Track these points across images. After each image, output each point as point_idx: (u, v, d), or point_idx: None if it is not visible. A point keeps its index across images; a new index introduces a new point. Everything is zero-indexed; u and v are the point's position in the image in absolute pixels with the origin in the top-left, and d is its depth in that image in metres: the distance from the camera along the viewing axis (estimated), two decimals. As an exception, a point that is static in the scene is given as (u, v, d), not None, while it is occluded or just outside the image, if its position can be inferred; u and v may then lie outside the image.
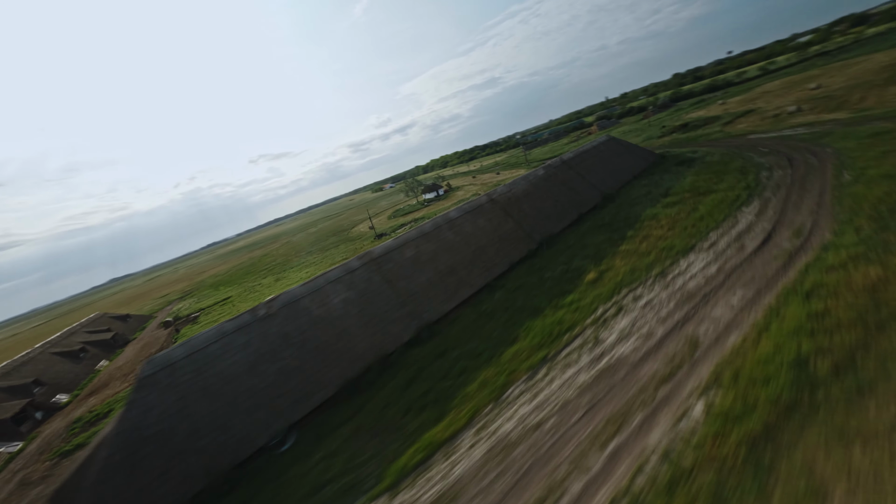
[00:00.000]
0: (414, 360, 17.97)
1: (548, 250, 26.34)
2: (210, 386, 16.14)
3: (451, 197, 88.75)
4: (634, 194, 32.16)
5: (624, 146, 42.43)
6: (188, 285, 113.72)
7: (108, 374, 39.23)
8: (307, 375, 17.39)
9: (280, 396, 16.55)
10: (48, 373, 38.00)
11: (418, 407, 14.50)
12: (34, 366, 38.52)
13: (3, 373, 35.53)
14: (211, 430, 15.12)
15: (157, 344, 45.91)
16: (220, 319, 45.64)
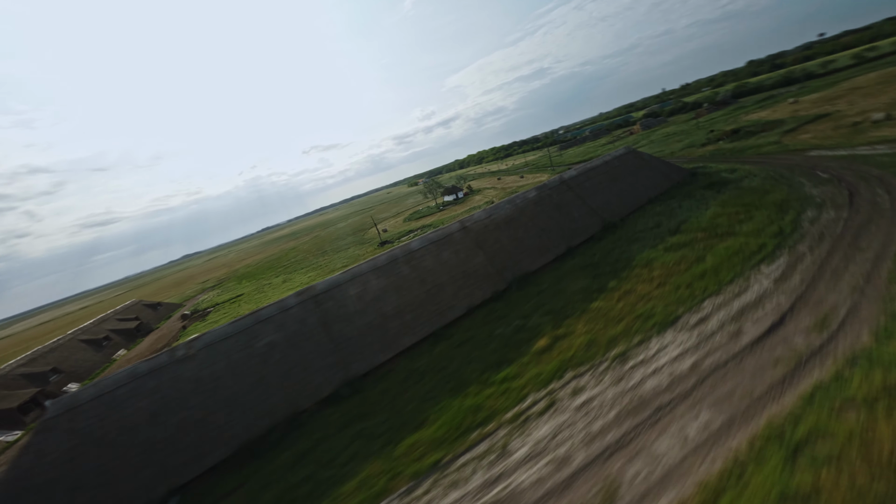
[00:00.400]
0: (319, 427, 16.04)
1: (517, 292, 22.86)
2: (107, 435, 15.56)
3: (468, 201, 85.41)
4: (640, 225, 27.10)
5: (643, 161, 36.48)
6: (225, 273, 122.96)
7: (118, 365, 42.51)
8: (209, 430, 16.23)
9: (175, 453, 15.55)
10: (69, 361, 42.15)
11: (288, 500, 12.56)
12: (59, 353, 42.98)
13: (29, 359, 40.02)
14: (95, 486, 14.49)
15: (169, 337, 49.09)
16: (222, 321, 47.51)
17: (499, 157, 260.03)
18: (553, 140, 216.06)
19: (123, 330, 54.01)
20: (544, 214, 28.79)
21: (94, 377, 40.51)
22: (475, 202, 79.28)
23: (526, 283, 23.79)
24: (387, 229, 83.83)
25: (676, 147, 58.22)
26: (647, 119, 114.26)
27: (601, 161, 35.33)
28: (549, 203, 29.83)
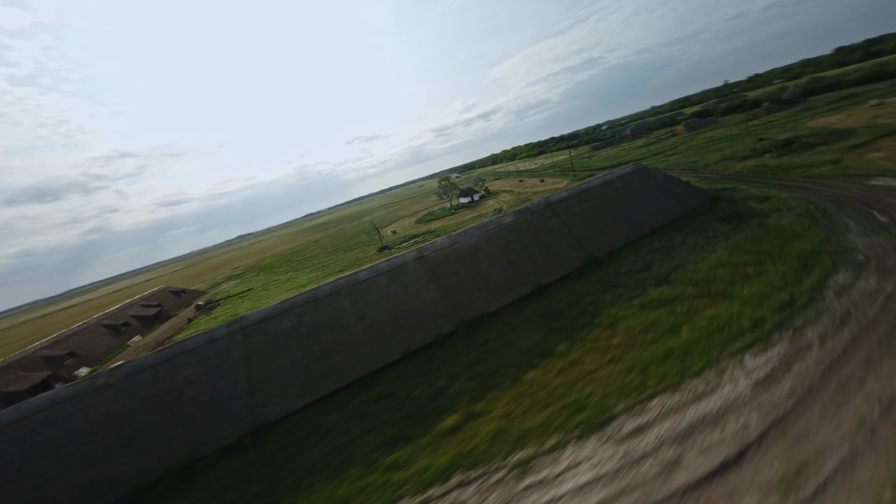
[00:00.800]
0: (203, 483, 15.00)
1: (462, 339, 20.30)
2: (10, 464, 15.75)
3: (481, 205, 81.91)
4: (627, 265, 23.03)
5: (654, 182, 31.34)
6: (255, 260, 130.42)
7: (130, 352, 45.88)
8: (107, 468, 15.90)
9: (69, 490, 15.37)
10: (86, 345, 46.26)
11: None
12: (80, 337, 47.34)
13: (52, 342, 44.45)
14: (-12, 517, 14.67)
15: (176, 329, 52.21)
16: (221, 318, 49.47)
17: (532, 154, 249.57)
18: (591, 138, 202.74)
19: (143, 316, 58.62)
20: (517, 245, 25.55)
21: (105, 363, 44.04)
22: (487, 207, 75.71)
23: (477, 327, 21.09)
24: (396, 231, 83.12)
25: (714, 158, 50.49)
26: (695, 119, 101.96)
27: (601, 181, 30.94)
28: (526, 231, 26.47)
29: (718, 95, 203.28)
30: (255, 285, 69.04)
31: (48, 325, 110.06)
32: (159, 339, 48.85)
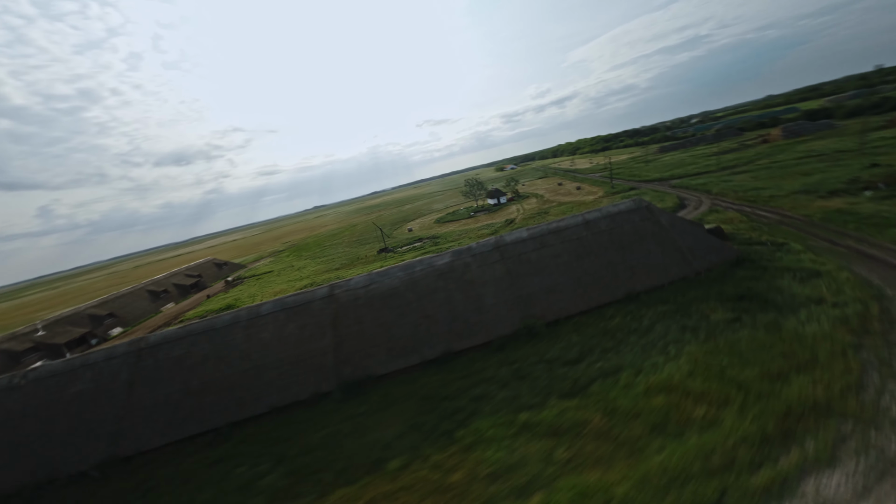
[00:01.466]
0: (35, 513, 15.56)
1: (333, 405, 18.01)
2: (-71, 444, 18.26)
3: (502, 211, 75.89)
4: (558, 348, 18.04)
5: (656, 229, 24.09)
6: (302, 238, 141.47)
7: (162, 317, 52.87)
8: (-11, 468, 17.56)
9: (-41, 480, 17.32)
10: (127, 307, 54.49)
11: None
12: (124, 299, 55.93)
13: (101, 302, 53.19)
14: None
15: (198, 301, 58.62)
16: (224, 302, 53.91)
17: (595, 150, 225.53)
18: (665, 136, 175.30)
19: (183, 285, 67.28)
20: (442, 294, 21.86)
21: (138, 325, 51.39)
22: (505, 214, 69.67)
23: (357, 392, 18.55)
24: (412, 229, 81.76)
25: (789, 186, 38.27)
26: (801, 122, 79.85)
27: (579, 220, 24.97)
28: (459, 277, 22.52)
29: (862, 86, 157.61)
30: (277, 268, 74.31)
31: (153, 272, 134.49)
32: (183, 309, 55.43)
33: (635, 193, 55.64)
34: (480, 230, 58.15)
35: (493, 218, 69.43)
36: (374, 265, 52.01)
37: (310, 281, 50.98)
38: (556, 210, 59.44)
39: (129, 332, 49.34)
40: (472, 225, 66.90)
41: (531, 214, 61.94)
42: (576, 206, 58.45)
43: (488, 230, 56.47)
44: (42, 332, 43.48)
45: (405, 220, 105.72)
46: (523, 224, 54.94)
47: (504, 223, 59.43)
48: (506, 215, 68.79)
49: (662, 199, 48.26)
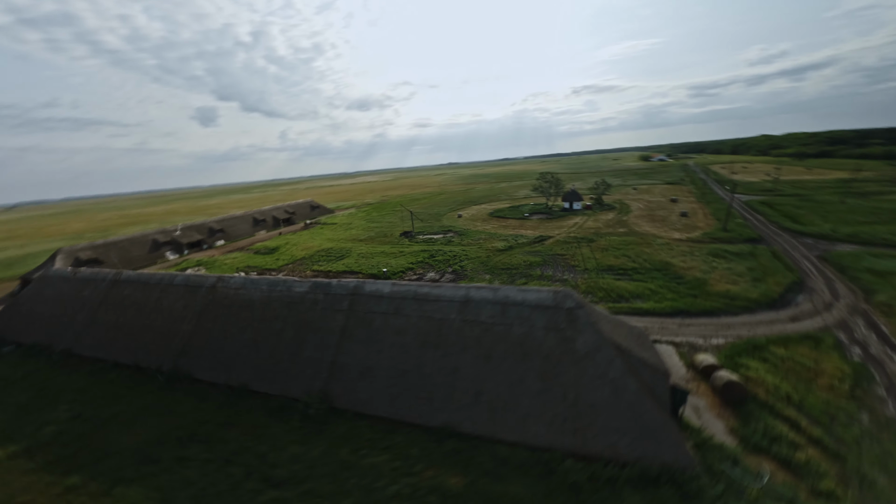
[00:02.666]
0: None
1: (153, 385, 22.47)
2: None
3: (563, 220, 64.59)
4: (288, 445, 16.99)
5: (560, 350, 17.35)
6: (398, 194, 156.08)
7: (254, 239, 71.39)
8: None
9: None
10: (233, 227, 75.03)
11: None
12: (235, 220, 76.91)
13: (220, 220, 74.58)
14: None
15: (270, 236, 75.30)
16: (285, 244, 67.17)
17: (804, 153, 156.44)
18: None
19: (277, 218, 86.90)
20: (278, 325, 22.49)
21: (235, 241, 70.83)
22: (559, 227, 59.13)
23: (175, 381, 22.47)
24: (461, 215, 79.06)
25: None
26: None
27: (494, 296, 20.36)
28: (300, 314, 22.51)
29: None
30: (339, 221, 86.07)
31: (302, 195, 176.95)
32: (263, 238, 72.74)
33: (745, 251, 39.14)
34: (502, 241, 52.30)
35: (538, 228, 60.46)
36: (383, 247, 54.86)
37: (321, 248, 58.22)
38: (610, 241, 47.24)
39: (227, 245, 68.83)
40: (508, 231, 60.32)
41: (575, 238, 51.24)
42: (641, 243, 45.10)
43: (504, 244, 50.28)
44: (178, 232, 65.50)
45: (473, 201, 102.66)
46: (552, 248, 46.57)
47: (533, 240, 51.42)
48: (551, 229, 58.85)
49: (763, 277, 32.54)
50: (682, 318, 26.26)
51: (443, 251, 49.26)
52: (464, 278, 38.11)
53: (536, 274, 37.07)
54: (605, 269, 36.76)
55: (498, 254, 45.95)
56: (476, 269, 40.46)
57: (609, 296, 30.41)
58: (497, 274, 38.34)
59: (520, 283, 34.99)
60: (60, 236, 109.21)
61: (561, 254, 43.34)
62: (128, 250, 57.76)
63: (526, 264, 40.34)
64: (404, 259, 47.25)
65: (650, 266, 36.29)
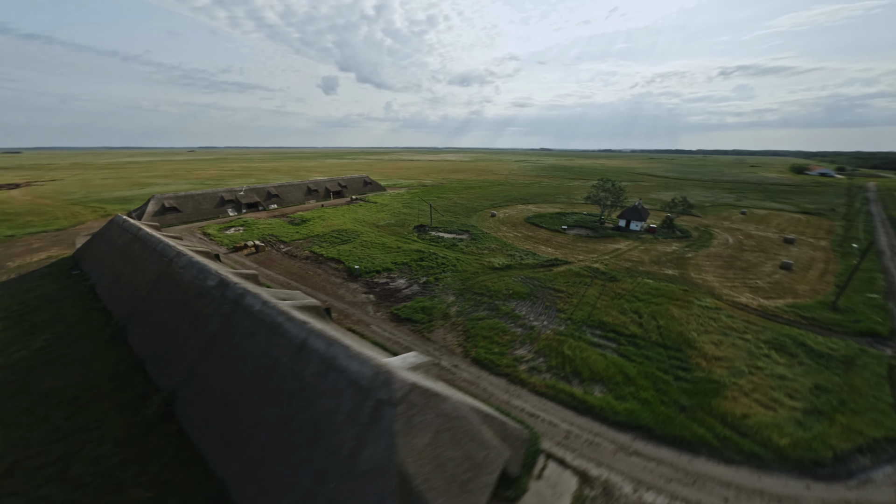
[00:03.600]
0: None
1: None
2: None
3: (608, 242, 53.65)
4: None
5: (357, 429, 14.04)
6: (460, 178, 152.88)
7: (304, 207, 79.12)
8: (90, 260, 37.77)
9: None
10: (287, 194, 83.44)
11: None
12: (291, 188, 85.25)
13: (278, 185, 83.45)
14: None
15: (320, 205, 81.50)
16: (319, 217, 72.14)
17: None
18: None
19: (330, 190, 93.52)
20: (182, 312, 23.63)
21: (287, 206, 79.19)
22: (601, 250, 49.18)
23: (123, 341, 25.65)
24: (495, 214, 72.09)
25: None
26: None
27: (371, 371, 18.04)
28: (193, 305, 23.10)
29: None
30: (379, 201, 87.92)
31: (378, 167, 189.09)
32: (307, 207, 79.49)
33: (841, 353, 26.69)
34: (507, 256, 46.08)
35: (562, 247, 51.47)
36: (390, 238, 53.90)
37: (339, 227, 60.00)
38: (636, 286, 37.17)
39: (277, 209, 77.43)
40: (527, 244, 52.85)
41: (596, 270, 42.04)
42: (675, 299, 34.56)
43: (507, 260, 43.96)
44: (242, 193, 75.80)
45: (524, 199, 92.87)
46: (555, 278, 39.14)
47: (543, 262, 43.80)
48: (579, 251, 49.37)
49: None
50: (633, 436, 18.52)
51: (436, 255, 45.89)
52: (429, 294, 34.74)
53: (505, 310, 31.34)
54: (594, 326, 28.81)
55: (488, 272, 40.55)
56: (448, 287, 36.41)
57: (561, 370, 23.38)
58: (466, 298, 33.78)
59: (476, 316, 30.12)
60: (195, 179, 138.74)
61: (559, 290, 35.72)
62: (200, 203, 69.49)
63: (505, 294, 34.50)
64: (396, 256, 45.59)
65: (658, 338, 26.87)
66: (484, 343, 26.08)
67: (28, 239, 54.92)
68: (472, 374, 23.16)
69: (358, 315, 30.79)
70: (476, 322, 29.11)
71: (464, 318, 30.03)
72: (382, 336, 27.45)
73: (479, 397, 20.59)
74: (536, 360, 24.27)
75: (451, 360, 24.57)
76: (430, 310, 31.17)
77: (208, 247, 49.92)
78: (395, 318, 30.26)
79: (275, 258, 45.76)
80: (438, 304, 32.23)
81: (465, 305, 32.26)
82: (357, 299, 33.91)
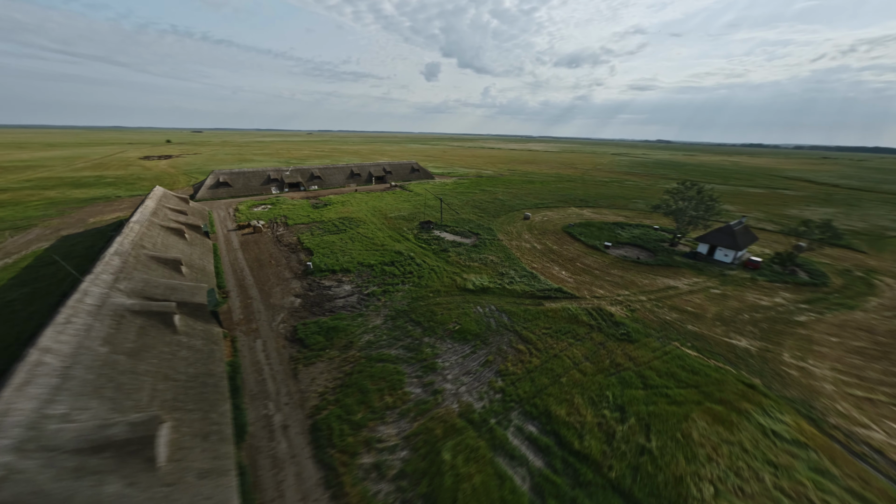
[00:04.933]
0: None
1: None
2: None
3: (659, 275, 38.32)
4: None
5: None
6: (529, 171, 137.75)
7: (342, 191, 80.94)
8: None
9: (112, 223, 44.05)
10: (330, 176, 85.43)
11: None
12: (332, 170, 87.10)
13: (320, 168, 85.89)
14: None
15: (356, 190, 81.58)
16: (342, 203, 71.56)
17: None
18: None
19: (373, 175, 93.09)
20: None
21: (326, 189, 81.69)
22: (656, 291, 35.16)
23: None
24: (529, 216, 59.30)
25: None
26: None
27: None
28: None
29: None
30: (415, 190, 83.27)
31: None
32: (348, 190, 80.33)
33: None
34: (496, 276, 36.08)
35: (581, 275, 38.40)
36: (386, 232, 48.68)
37: (350, 215, 57.15)
38: (658, 363, 24.43)
39: (317, 190, 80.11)
40: (536, 261, 41.21)
41: (608, 321, 29.35)
42: (698, 405, 21.31)
43: (489, 282, 34.09)
44: (288, 173, 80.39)
45: (585, 201, 75.89)
46: (534, 320, 28.66)
47: (535, 292, 32.60)
48: (602, 286, 35.91)
49: None
50: None
51: (413, 261, 38.92)
52: (359, 310, 28.57)
53: (426, 354, 22.98)
54: (531, 416, 18.28)
55: (453, 294, 31.94)
56: (387, 305, 29.44)
57: (412, 488, 14.67)
58: (394, 325, 26.47)
59: (382, 355, 22.76)
60: (284, 157, 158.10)
61: (526, 338, 25.01)
62: (249, 180, 76.07)
63: (447, 330, 25.92)
64: (370, 255, 40.35)
65: (627, 474, 15.24)
66: (350, 401, 18.90)
67: (126, 200, 67.58)
68: (291, 447, 16.45)
69: (260, 323, 26.68)
70: (373, 364, 21.88)
71: (366, 353, 23.05)
72: (251, 356, 22.64)
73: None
74: (391, 454, 16.06)
75: (289, 415, 18.22)
76: (336, 333, 25.06)
77: (221, 223, 53.08)
78: (292, 334, 25.14)
79: (261, 241, 45.43)
80: (353, 328, 25.82)
81: (384, 335, 25.05)
82: (281, 302, 29.92)
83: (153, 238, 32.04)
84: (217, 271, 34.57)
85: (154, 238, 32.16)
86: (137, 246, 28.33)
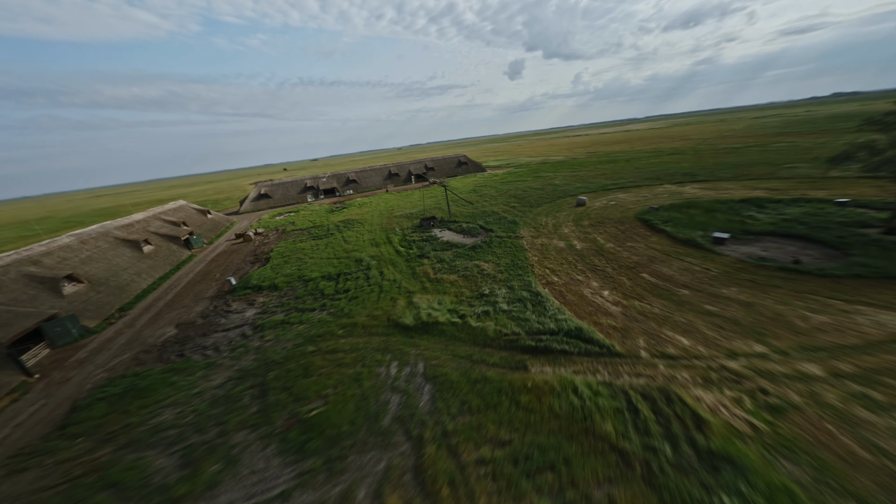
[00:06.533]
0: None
1: None
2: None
3: (860, 307, 17.15)
4: None
5: None
6: (613, 150, 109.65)
7: (375, 192, 75.97)
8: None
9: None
10: (366, 179, 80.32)
11: None
12: (368, 173, 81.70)
13: (358, 171, 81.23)
14: (141, 230, 48.71)
15: (393, 189, 74.43)
16: (367, 202, 64.72)
17: None
18: None
19: (413, 173, 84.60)
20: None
21: (363, 192, 77.35)
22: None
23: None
24: (585, 200, 39.49)
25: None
26: None
27: None
28: None
29: None
30: (454, 186, 70.61)
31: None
32: (380, 192, 74.14)
33: None
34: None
35: (690, 306, 19.66)
36: (377, 233, 37.90)
37: (358, 217, 48.63)
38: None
39: (355, 194, 76.01)
40: (573, 274, 23.99)
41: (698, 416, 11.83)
42: None
43: (447, 310, 19.43)
44: (325, 180, 78.59)
45: (692, 175, 49.78)
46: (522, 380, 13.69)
47: (532, 333, 16.64)
48: (731, 330, 16.97)
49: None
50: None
51: (364, 276, 26.97)
52: (215, 358, 18.31)
53: (175, 493, 10.96)
54: None
55: (373, 335, 18.68)
56: (260, 349, 18.26)
57: None
58: (210, 402, 15.20)
59: (154, 439, 11.65)
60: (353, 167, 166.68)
61: (428, 490, 10.56)
62: (288, 190, 76.73)
63: (294, 420, 13.17)
64: (325, 266, 30.30)
65: None
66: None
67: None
68: None
69: (83, 369, 18.85)
70: (124, 456, 10.95)
71: (113, 456, 12.30)
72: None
73: None
74: None
75: None
76: (129, 402, 15.16)
77: (240, 235, 51.49)
78: (87, 395, 16.32)
79: (239, 252, 40.54)
80: (162, 395, 15.50)
81: (181, 421, 13.89)
82: (153, 332, 22.00)
83: (78, 251, 28.81)
84: (148, 289, 29.63)
85: (79, 251, 28.93)
86: (19, 262, 24.59)
